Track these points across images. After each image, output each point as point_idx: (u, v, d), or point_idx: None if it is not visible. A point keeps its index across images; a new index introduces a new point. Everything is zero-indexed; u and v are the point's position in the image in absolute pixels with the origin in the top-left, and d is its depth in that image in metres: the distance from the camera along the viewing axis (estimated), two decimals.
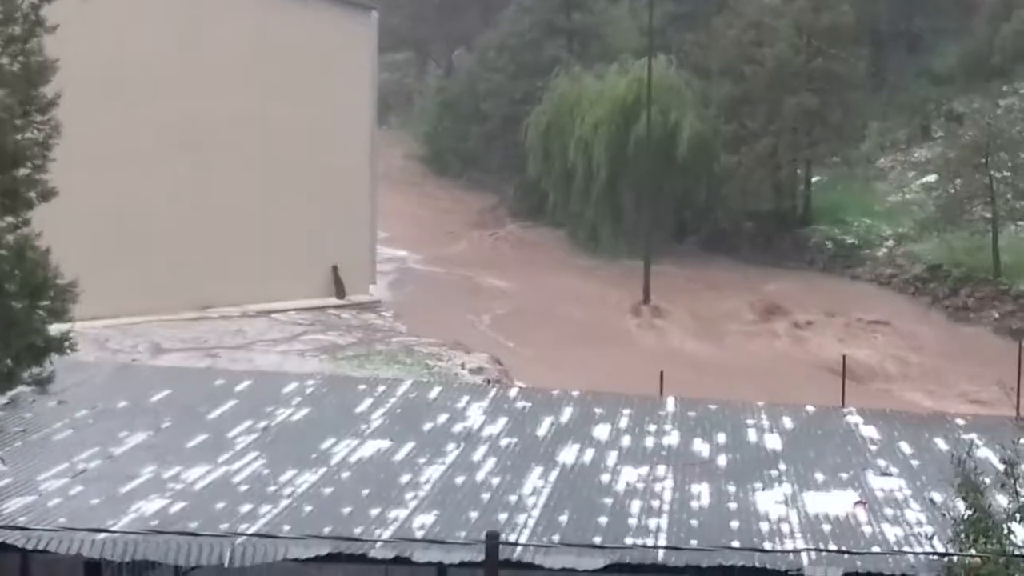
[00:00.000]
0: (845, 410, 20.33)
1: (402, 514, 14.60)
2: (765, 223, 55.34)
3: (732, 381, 34.27)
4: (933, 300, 47.19)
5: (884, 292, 49.30)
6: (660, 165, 53.86)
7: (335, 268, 43.82)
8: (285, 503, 14.96)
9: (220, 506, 14.83)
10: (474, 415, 19.02)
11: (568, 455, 17.17)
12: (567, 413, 19.32)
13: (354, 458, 16.87)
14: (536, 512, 14.82)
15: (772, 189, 55.68)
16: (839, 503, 15.42)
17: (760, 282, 50.40)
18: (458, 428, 18.36)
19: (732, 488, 15.89)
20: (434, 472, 16.25)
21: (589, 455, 17.23)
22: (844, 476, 16.59)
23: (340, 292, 43.87)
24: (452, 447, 17.40)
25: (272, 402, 19.49)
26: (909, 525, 14.63)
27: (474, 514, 14.69)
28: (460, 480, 15.98)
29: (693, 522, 14.65)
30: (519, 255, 57.87)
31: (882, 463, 17.25)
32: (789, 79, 53.70)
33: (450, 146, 70.97)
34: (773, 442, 18.19)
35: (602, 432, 18.33)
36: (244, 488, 15.52)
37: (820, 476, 16.58)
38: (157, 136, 38.79)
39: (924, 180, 55.78)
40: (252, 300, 40.66)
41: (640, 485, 15.93)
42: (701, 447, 17.82)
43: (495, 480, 16.00)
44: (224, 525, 14.10)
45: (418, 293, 49.05)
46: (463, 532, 13.96)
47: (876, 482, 16.35)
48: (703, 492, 15.71)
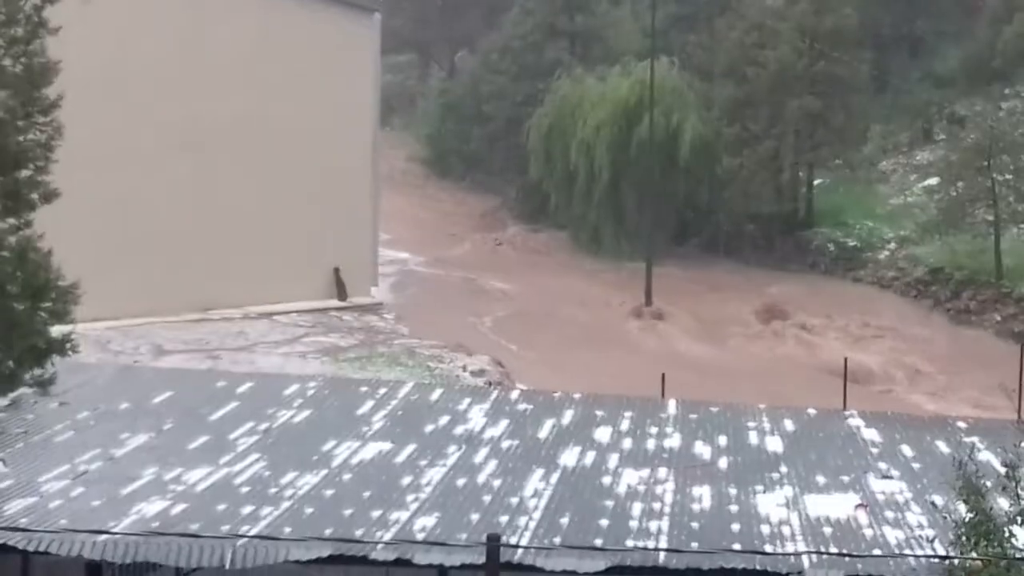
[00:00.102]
0: (846, 413, 20.27)
1: (403, 516, 14.60)
2: (767, 225, 55.36)
3: (733, 383, 34.26)
4: (935, 303, 47.16)
5: (886, 295, 49.29)
6: (662, 167, 53.90)
7: (337, 270, 43.78)
8: (286, 505, 14.96)
9: (221, 508, 14.83)
10: (475, 417, 19.01)
11: (569, 457, 17.15)
12: (568, 415, 19.30)
13: (355, 460, 16.86)
14: (537, 514, 14.81)
15: (774, 192, 55.70)
16: (840, 506, 15.40)
17: (762, 285, 50.39)
18: (459, 430, 18.35)
19: (733, 490, 15.87)
20: (435, 474, 16.24)
21: (590, 457, 17.21)
22: (845, 479, 16.57)
23: (342, 294, 43.84)
24: (453, 449, 17.39)
25: (273, 404, 19.48)
26: (910, 528, 14.63)
27: (475, 516, 14.69)
28: (461, 482, 15.98)
29: (694, 524, 14.63)
30: (521, 257, 57.88)
31: (883, 466, 17.23)
32: (791, 82, 53.71)
33: (452, 148, 70.93)
34: (774, 445, 18.16)
35: (603, 434, 18.31)
36: (245, 490, 15.52)
37: (821, 479, 16.55)
38: (159, 137, 38.78)
39: (926, 183, 55.78)
40: (254, 302, 40.65)
41: (641, 487, 15.91)
42: (702, 449, 17.80)
43: (496, 482, 15.99)
44: (225, 527, 14.10)
45: (420, 295, 49.01)
46: (464, 534, 13.95)
47: (877, 485, 16.33)
48: (704, 494, 15.69)
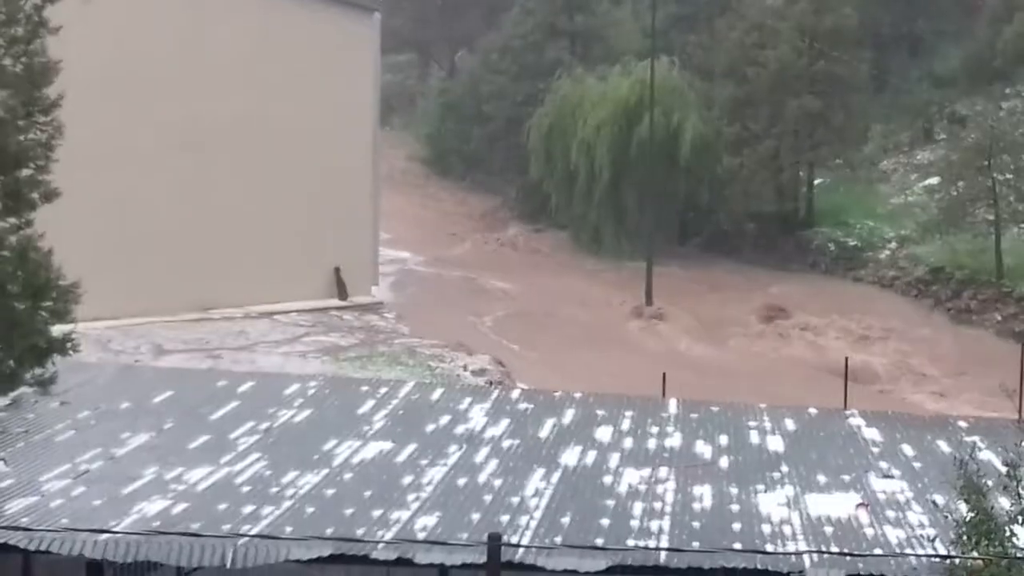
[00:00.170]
0: (847, 412, 20.28)
1: (404, 515, 14.61)
2: (767, 225, 55.31)
3: (734, 383, 34.24)
4: (935, 302, 47.11)
5: (886, 294, 49.24)
6: (663, 167, 53.82)
7: (337, 269, 43.78)
8: (287, 504, 14.97)
9: (222, 507, 14.84)
10: (476, 417, 19.02)
11: (570, 457, 17.16)
12: (569, 415, 19.31)
13: (356, 459, 16.87)
14: (538, 514, 14.82)
15: (774, 191, 55.67)
16: (841, 505, 15.41)
17: (762, 284, 50.35)
18: (460, 430, 18.36)
19: (734, 490, 15.88)
20: (436, 474, 16.25)
21: (591, 457, 17.22)
22: (846, 478, 16.58)
23: (342, 293, 43.84)
24: (454, 448, 17.40)
25: (274, 403, 19.50)
26: (911, 527, 14.64)
27: (476, 515, 14.69)
28: (462, 481, 15.99)
29: (695, 524, 14.64)
30: (521, 257, 57.86)
31: (884, 465, 17.25)
32: (792, 81, 53.68)
33: (453, 148, 70.88)
34: (775, 444, 18.18)
35: (604, 434, 18.32)
36: (246, 489, 15.53)
37: (822, 478, 16.57)
38: (159, 137, 38.78)
39: (927, 182, 55.74)
40: (254, 301, 40.65)
41: (642, 487, 15.92)
42: (703, 449, 17.81)
43: (497, 482, 16.00)
44: (226, 526, 14.11)
45: (420, 295, 49.00)
46: (465, 533, 13.97)
47: (878, 484, 16.35)
48: (705, 494, 15.70)
